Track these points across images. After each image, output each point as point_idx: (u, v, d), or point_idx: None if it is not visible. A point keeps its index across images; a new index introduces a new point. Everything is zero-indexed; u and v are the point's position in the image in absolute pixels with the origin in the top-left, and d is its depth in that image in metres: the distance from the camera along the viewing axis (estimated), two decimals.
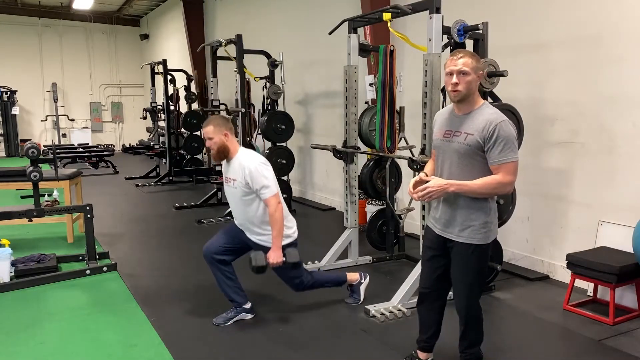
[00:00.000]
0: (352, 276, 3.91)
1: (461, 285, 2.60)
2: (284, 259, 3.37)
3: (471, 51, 2.59)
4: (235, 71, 6.49)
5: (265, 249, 3.42)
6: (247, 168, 3.34)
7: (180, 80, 10.33)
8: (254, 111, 7.22)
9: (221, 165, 3.69)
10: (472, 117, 2.45)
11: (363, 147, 4.89)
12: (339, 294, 4.10)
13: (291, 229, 3.55)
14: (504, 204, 3.90)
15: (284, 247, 3.41)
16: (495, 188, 2.40)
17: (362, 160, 4.99)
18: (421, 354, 2.90)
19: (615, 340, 3.29)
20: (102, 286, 4.34)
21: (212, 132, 3.40)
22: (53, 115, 15.38)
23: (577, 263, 3.70)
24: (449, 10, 3.65)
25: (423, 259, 2.81)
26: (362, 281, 3.93)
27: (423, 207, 3.78)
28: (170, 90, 9.93)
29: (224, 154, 3.45)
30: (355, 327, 3.51)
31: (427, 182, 2.43)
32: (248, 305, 3.62)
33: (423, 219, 3.81)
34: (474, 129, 2.42)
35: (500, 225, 3.98)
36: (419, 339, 2.89)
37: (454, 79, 2.42)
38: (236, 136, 3.71)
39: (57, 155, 6.56)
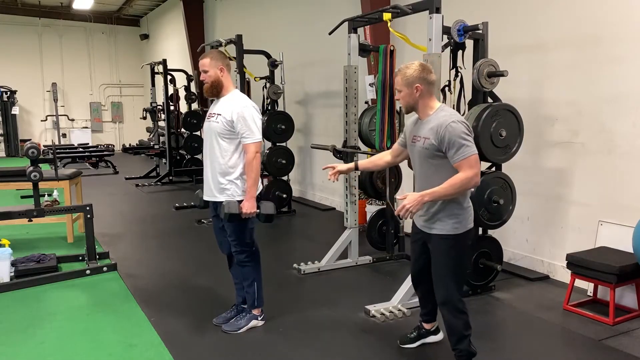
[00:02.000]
0: (258, 310, 3.54)
1: (437, 277, 2.75)
2: (258, 210, 3.28)
3: (409, 64, 2.72)
4: (235, 71, 6.49)
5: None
6: (239, 106, 3.20)
7: (180, 80, 10.33)
8: None
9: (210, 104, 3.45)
10: (429, 122, 2.67)
11: (363, 147, 4.89)
12: (339, 293, 4.11)
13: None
14: (504, 203, 3.90)
15: (258, 199, 3.30)
16: (462, 185, 2.55)
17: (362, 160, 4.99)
18: (426, 325, 3.17)
19: (615, 340, 3.29)
20: (102, 286, 4.34)
21: (208, 65, 3.24)
22: (53, 115, 15.39)
23: (577, 263, 3.70)
24: (449, 10, 3.65)
25: (411, 242, 3.01)
26: (259, 318, 3.52)
27: None
28: (170, 90, 9.93)
29: (217, 89, 3.29)
30: (355, 327, 3.51)
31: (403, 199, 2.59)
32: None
33: None
34: (429, 133, 2.63)
35: (500, 225, 3.99)
36: (421, 313, 3.17)
37: (397, 96, 2.78)
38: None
39: (57, 155, 6.56)
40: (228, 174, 3.27)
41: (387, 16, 3.92)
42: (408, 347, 3.18)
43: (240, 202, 3.24)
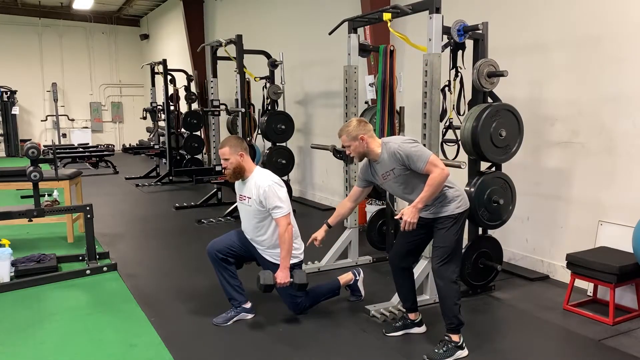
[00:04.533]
0: (346, 277, 3.91)
1: (438, 249, 3.07)
2: (291, 279, 3.43)
3: (348, 123, 3.19)
4: (235, 71, 6.50)
5: (272, 265, 3.50)
6: (262, 188, 3.42)
7: (180, 80, 10.33)
8: (254, 111, 7.22)
9: (235, 183, 3.71)
10: (383, 159, 3.10)
11: None
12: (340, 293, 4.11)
13: (299, 249, 3.62)
14: (504, 203, 3.90)
15: (291, 268, 3.47)
16: (437, 182, 2.94)
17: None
18: (410, 315, 3.38)
19: (615, 340, 3.29)
20: (102, 286, 4.34)
21: (229, 154, 3.48)
22: (53, 115, 15.38)
23: (577, 263, 3.70)
24: (449, 10, 3.65)
25: (399, 234, 3.26)
26: (358, 278, 3.94)
27: None
28: (170, 90, 9.92)
29: (240, 174, 3.54)
30: (355, 327, 3.52)
31: (401, 216, 2.99)
32: (248, 305, 3.63)
33: None
34: (392, 164, 3.06)
35: (500, 225, 3.99)
36: (403, 306, 3.42)
37: (347, 151, 3.19)
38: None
39: (57, 155, 6.56)
40: (274, 244, 3.52)
41: (387, 16, 3.92)
42: (392, 335, 3.34)
43: (274, 272, 3.42)
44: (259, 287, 3.41)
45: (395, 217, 3.03)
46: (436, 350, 3.03)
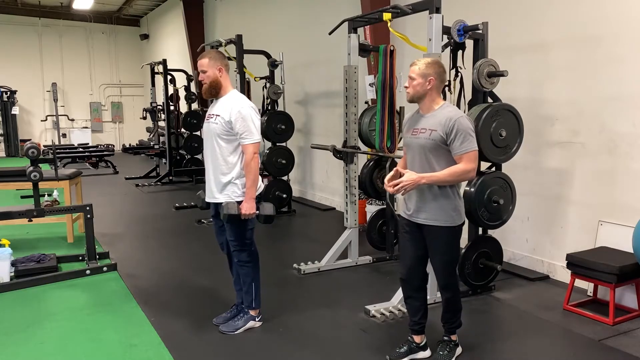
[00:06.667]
0: (255, 311, 3.53)
1: (439, 263, 2.94)
2: (257, 211, 3.28)
3: (428, 59, 2.87)
4: (235, 71, 6.49)
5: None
6: (237, 108, 3.19)
7: (180, 80, 10.33)
8: None
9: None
10: (434, 116, 2.82)
11: (363, 147, 4.89)
12: (339, 293, 4.11)
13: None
14: (504, 203, 3.90)
15: (257, 200, 3.29)
16: (460, 175, 2.75)
17: (362, 160, 4.99)
18: (416, 338, 3.12)
19: (615, 340, 3.29)
20: (102, 286, 4.34)
21: (207, 65, 3.25)
22: (53, 115, 15.37)
23: (577, 263, 3.70)
24: (449, 10, 3.65)
25: (401, 244, 3.09)
26: (257, 319, 3.51)
27: None
28: (170, 90, 9.93)
29: (216, 89, 3.28)
30: (355, 327, 3.51)
31: (401, 175, 2.77)
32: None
33: None
34: (437, 125, 2.77)
35: (500, 225, 3.99)
36: (411, 322, 3.12)
37: (406, 83, 2.85)
38: None
39: (57, 155, 6.56)
40: (228, 175, 3.27)
41: (387, 16, 3.92)
42: None
43: (239, 202, 3.24)
44: (223, 217, 3.24)
45: (398, 171, 2.76)
46: (441, 353, 3.03)
